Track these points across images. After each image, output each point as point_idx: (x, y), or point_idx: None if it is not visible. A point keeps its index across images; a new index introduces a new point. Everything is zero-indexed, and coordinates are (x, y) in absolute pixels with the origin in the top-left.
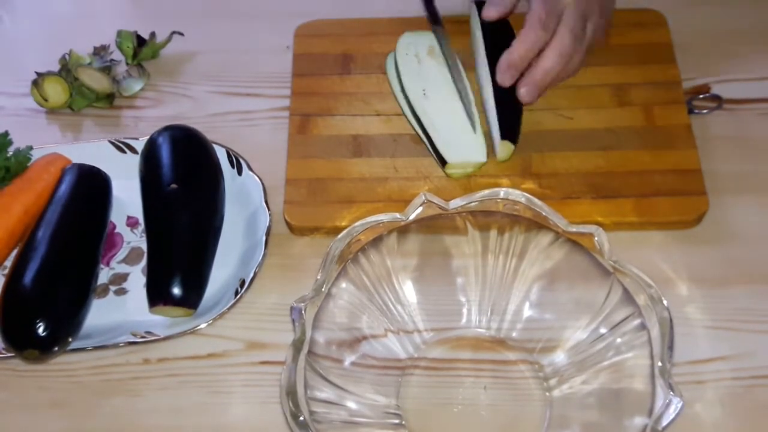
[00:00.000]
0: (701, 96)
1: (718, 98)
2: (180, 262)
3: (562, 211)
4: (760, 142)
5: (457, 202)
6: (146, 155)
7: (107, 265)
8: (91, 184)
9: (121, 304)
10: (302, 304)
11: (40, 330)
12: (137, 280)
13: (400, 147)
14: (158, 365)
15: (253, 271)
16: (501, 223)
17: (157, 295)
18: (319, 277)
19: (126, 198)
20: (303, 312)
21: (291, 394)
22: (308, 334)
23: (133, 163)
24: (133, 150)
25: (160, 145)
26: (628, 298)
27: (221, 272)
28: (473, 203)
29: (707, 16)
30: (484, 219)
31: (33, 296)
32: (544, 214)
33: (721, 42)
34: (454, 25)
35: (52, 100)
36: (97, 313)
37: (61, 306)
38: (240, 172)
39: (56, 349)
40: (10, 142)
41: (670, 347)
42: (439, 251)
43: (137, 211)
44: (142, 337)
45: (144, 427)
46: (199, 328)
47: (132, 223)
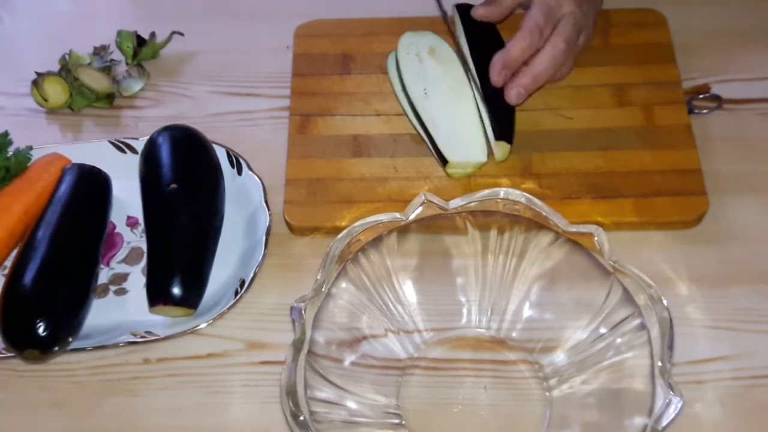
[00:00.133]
0: (701, 96)
1: (718, 98)
2: (180, 262)
3: (562, 211)
4: (760, 142)
5: (457, 202)
6: (146, 155)
7: (107, 265)
8: (91, 184)
9: (121, 304)
10: (302, 304)
11: (40, 330)
12: (137, 280)
13: (400, 147)
14: (158, 365)
15: (253, 271)
16: (501, 223)
17: (157, 295)
18: (319, 277)
19: (126, 198)
20: (303, 312)
21: (291, 394)
22: (308, 334)
23: (133, 163)
24: (133, 150)
25: (160, 145)
26: (628, 298)
27: (221, 272)
28: (473, 203)
29: (707, 16)
30: (484, 219)
31: (33, 296)
32: (544, 214)
33: (721, 42)
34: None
35: (52, 100)
36: (97, 313)
37: (61, 306)
38: (240, 172)
39: (56, 349)
40: (10, 142)
41: (670, 347)
42: (439, 251)
43: (137, 211)
44: (142, 337)
45: (144, 427)
46: (199, 328)
47: (132, 223)
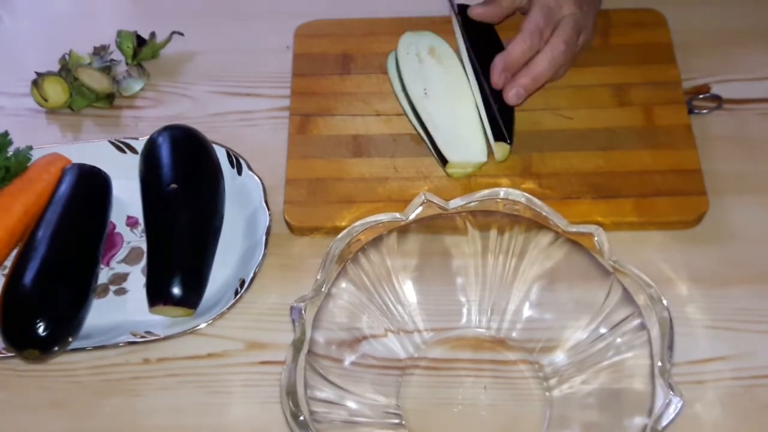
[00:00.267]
0: (701, 96)
1: (718, 98)
2: (180, 262)
3: (562, 211)
4: (760, 142)
5: (457, 202)
6: (146, 155)
7: (107, 265)
8: (91, 184)
9: (121, 304)
10: (302, 304)
11: (40, 330)
12: (137, 280)
13: (400, 147)
14: (158, 365)
15: (253, 271)
16: (501, 223)
17: (157, 295)
18: (319, 277)
19: (126, 198)
20: (303, 312)
21: (291, 393)
22: (308, 334)
23: (133, 163)
24: (133, 150)
25: (160, 145)
26: (628, 298)
27: (221, 272)
28: (473, 203)
29: (707, 16)
30: (484, 219)
31: (33, 296)
32: (544, 214)
33: (721, 42)
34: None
35: (52, 100)
36: (97, 313)
37: (61, 306)
38: (240, 172)
39: (56, 349)
40: (10, 142)
41: (670, 347)
42: (439, 251)
43: (137, 211)
44: (142, 337)
45: (144, 427)
46: (199, 328)
47: (132, 223)
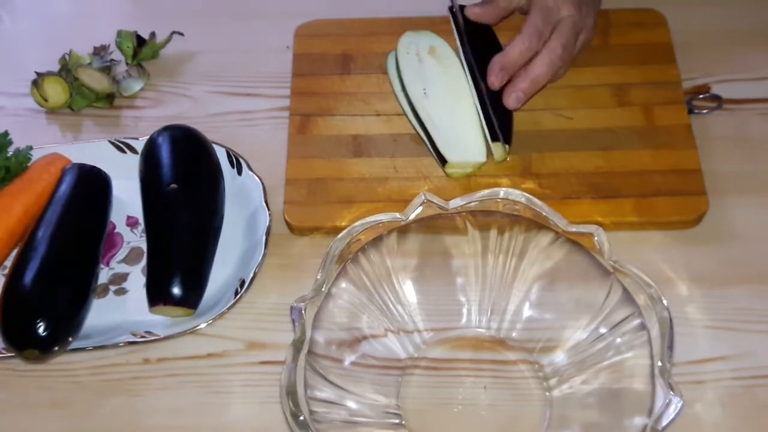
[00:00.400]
0: (701, 96)
1: (718, 98)
2: (180, 262)
3: (562, 211)
4: (760, 142)
5: (457, 202)
6: (146, 155)
7: (107, 265)
8: (91, 184)
9: (121, 304)
10: (302, 304)
11: (40, 330)
12: (137, 280)
13: (400, 147)
14: (158, 365)
15: (253, 271)
16: (501, 223)
17: (157, 295)
18: (319, 277)
19: (126, 198)
20: (303, 312)
21: (291, 393)
22: (308, 334)
23: (133, 163)
24: (133, 150)
25: (160, 145)
26: (628, 298)
27: (221, 272)
28: (473, 203)
29: (707, 16)
30: (484, 219)
31: (33, 296)
32: (544, 214)
33: (721, 42)
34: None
35: (52, 100)
36: (97, 313)
37: (61, 306)
38: (240, 172)
39: (56, 349)
40: (10, 142)
41: (670, 347)
42: (439, 251)
43: (137, 211)
44: (142, 337)
45: (144, 427)
46: (199, 328)
47: (132, 223)
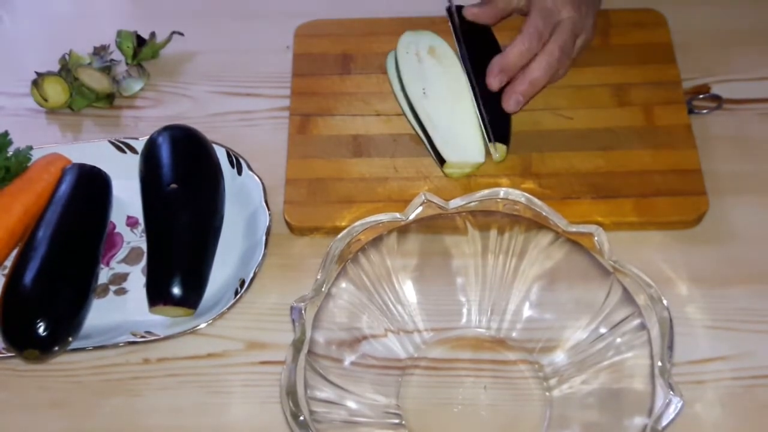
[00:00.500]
0: (701, 96)
1: (718, 98)
2: (180, 262)
3: (562, 211)
4: (760, 142)
5: (456, 202)
6: (146, 155)
7: (107, 265)
8: (91, 184)
9: (121, 304)
10: (302, 304)
11: (41, 330)
12: (137, 280)
13: (400, 147)
14: (158, 365)
15: (253, 271)
16: (501, 223)
17: (157, 295)
18: (319, 277)
19: (126, 198)
20: (303, 312)
21: (291, 393)
22: (308, 334)
23: (133, 163)
24: (133, 150)
25: (160, 145)
26: (628, 298)
27: (221, 272)
28: (473, 203)
29: (707, 16)
30: (484, 219)
31: (33, 296)
32: (544, 214)
33: (721, 42)
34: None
35: (52, 100)
36: (97, 313)
37: (61, 306)
38: (240, 172)
39: (56, 349)
40: (10, 142)
41: (670, 347)
42: (439, 251)
43: (137, 211)
44: (142, 337)
45: (144, 427)
46: (199, 328)
47: (132, 223)
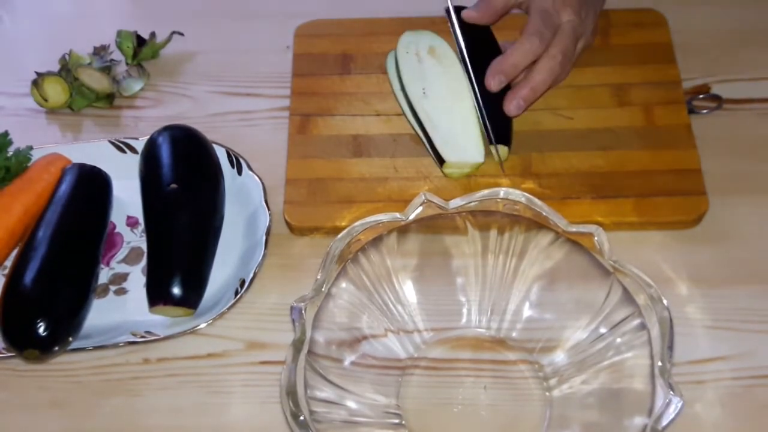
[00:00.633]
0: (701, 96)
1: (718, 98)
2: (180, 262)
3: (562, 211)
4: (760, 142)
5: (456, 202)
6: (146, 155)
7: (107, 265)
8: (91, 184)
9: (121, 304)
10: (302, 304)
11: (41, 330)
12: (137, 280)
13: (400, 147)
14: (158, 365)
15: (253, 271)
16: (501, 223)
17: (157, 295)
18: (319, 277)
19: (126, 198)
20: (303, 312)
21: (291, 393)
22: (308, 334)
23: (133, 163)
24: (133, 150)
25: (160, 145)
26: (628, 297)
27: (221, 272)
28: (473, 203)
29: (707, 16)
30: (484, 219)
31: (33, 296)
32: (544, 214)
33: (721, 42)
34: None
35: (52, 100)
36: (97, 313)
37: (61, 306)
38: (240, 172)
39: (56, 348)
40: (10, 142)
41: (670, 347)
42: (439, 251)
43: (137, 211)
44: (142, 337)
45: (144, 427)
46: (199, 328)
47: (132, 223)
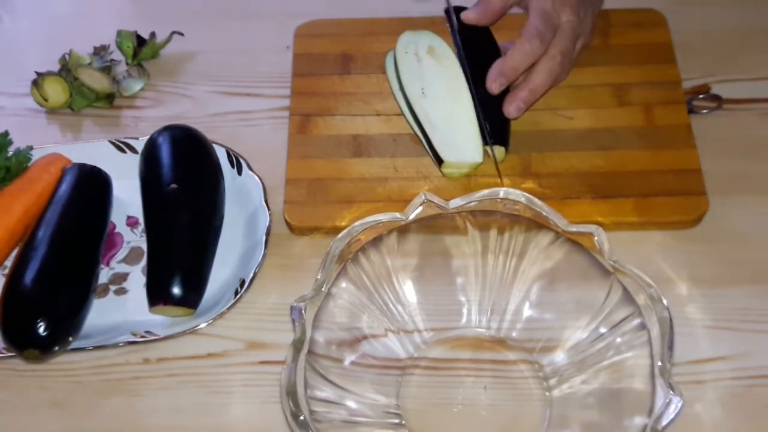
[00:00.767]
0: (701, 96)
1: (718, 98)
2: (180, 262)
3: (562, 211)
4: (760, 142)
5: (456, 202)
6: (146, 155)
7: (107, 265)
8: (92, 184)
9: (121, 304)
10: (302, 304)
11: (41, 330)
12: (137, 280)
13: (400, 147)
14: (158, 365)
15: (253, 271)
16: (501, 222)
17: (157, 295)
18: (319, 277)
19: (126, 198)
20: (303, 312)
21: (291, 393)
22: (308, 334)
23: (133, 163)
24: (133, 150)
25: (160, 145)
26: (628, 297)
27: (221, 272)
28: (473, 203)
29: (707, 16)
30: (484, 219)
31: (33, 296)
32: (544, 214)
33: (721, 42)
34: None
35: (52, 100)
36: (97, 313)
37: (61, 306)
38: (240, 172)
39: (56, 348)
40: (10, 142)
41: (670, 347)
42: (439, 251)
43: (137, 211)
44: (142, 337)
45: (144, 427)
46: (199, 327)
47: (132, 223)
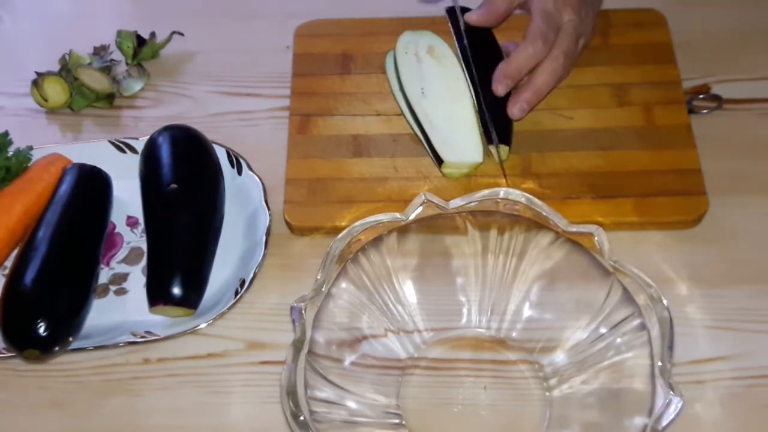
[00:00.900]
0: (701, 96)
1: (718, 98)
2: (180, 262)
3: (562, 211)
4: (760, 142)
5: (456, 202)
6: (146, 155)
7: (107, 265)
8: (92, 184)
9: (121, 304)
10: (302, 304)
11: (41, 330)
12: (137, 280)
13: (400, 147)
14: (158, 365)
15: (253, 271)
16: (501, 223)
17: (157, 295)
18: (319, 277)
19: (126, 198)
20: (303, 312)
21: (291, 393)
22: (308, 334)
23: (133, 163)
24: (133, 150)
25: (160, 145)
26: (628, 298)
27: (221, 272)
28: (473, 203)
29: (707, 16)
30: (484, 219)
31: (33, 296)
32: (544, 214)
33: (721, 42)
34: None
35: (52, 100)
36: (97, 313)
37: (61, 306)
38: (240, 172)
39: (56, 349)
40: (10, 142)
41: (670, 347)
42: (439, 251)
43: (137, 211)
44: (142, 337)
45: (144, 427)
46: (199, 328)
47: (132, 223)
